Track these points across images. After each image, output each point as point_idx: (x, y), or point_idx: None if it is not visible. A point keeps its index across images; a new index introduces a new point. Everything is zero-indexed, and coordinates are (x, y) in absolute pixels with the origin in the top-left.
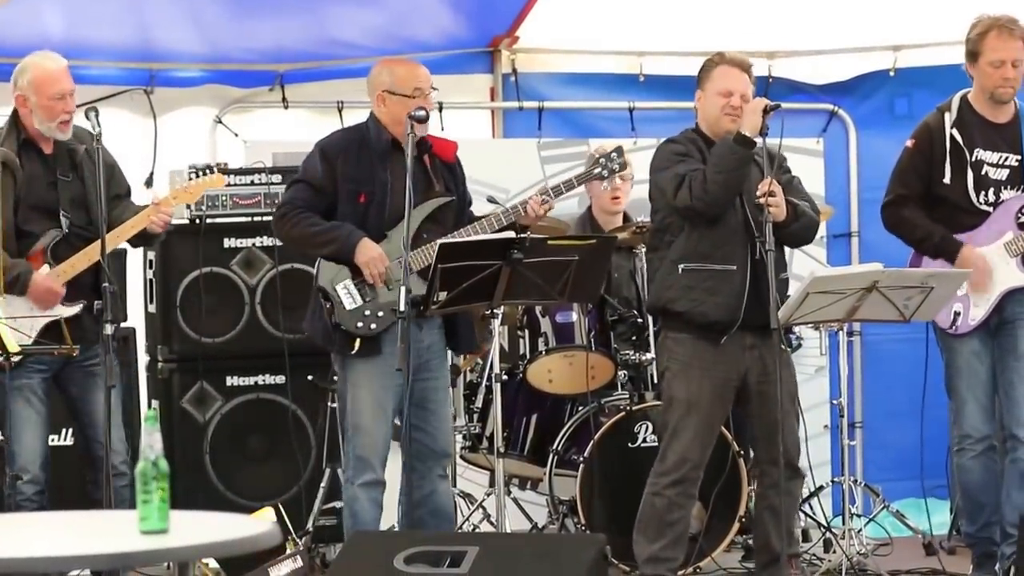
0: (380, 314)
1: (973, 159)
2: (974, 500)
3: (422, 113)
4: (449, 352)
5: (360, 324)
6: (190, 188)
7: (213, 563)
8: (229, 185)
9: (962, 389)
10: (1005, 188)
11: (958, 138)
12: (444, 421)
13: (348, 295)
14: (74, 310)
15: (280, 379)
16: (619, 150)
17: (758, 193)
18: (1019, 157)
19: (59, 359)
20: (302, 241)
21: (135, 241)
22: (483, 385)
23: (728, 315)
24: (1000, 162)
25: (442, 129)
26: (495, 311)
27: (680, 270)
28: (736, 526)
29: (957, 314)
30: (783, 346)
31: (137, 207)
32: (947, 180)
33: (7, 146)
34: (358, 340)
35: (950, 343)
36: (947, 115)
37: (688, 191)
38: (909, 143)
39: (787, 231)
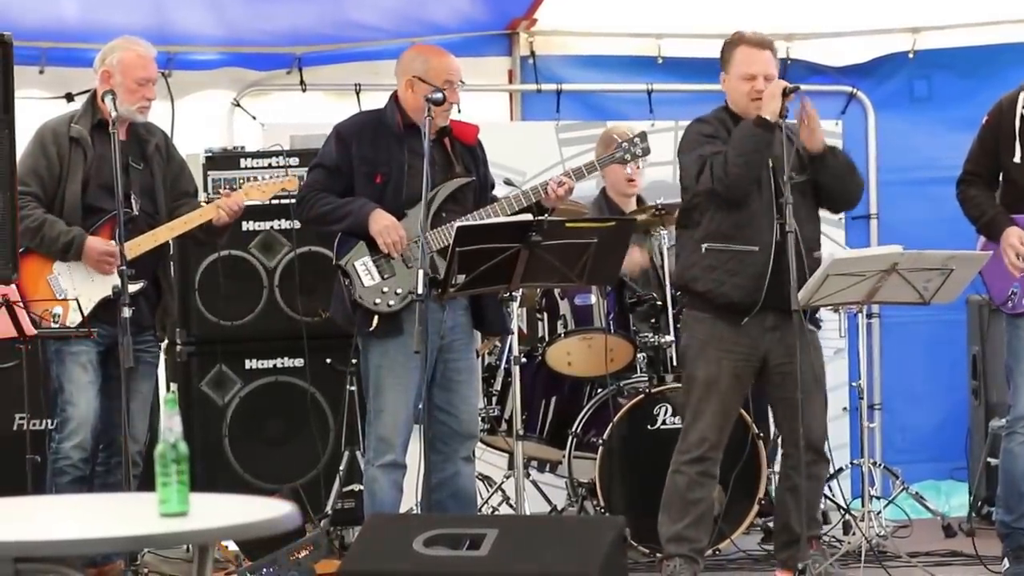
0: (399, 291)
1: None
2: (1015, 489)
3: (439, 96)
4: (477, 334)
5: (378, 301)
6: (263, 186)
7: (232, 545)
8: (246, 168)
9: (1023, 368)
10: None
11: None
12: (469, 403)
13: (367, 272)
14: (138, 285)
15: (299, 362)
16: (643, 135)
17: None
18: None
19: (113, 335)
20: (319, 220)
21: (203, 236)
22: (502, 368)
23: (748, 296)
24: None
25: (459, 112)
26: (513, 294)
27: (703, 250)
28: (755, 508)
29: (1014, 293)
30: (811, 327)
31: (200, 205)
32: (1016, 159)
33: (81, 125)
34: (376, 317)
35: (1017, 320)
36: (1021, 94)
37: (710, 174)
38: (983, 120)
39: (829, 188)
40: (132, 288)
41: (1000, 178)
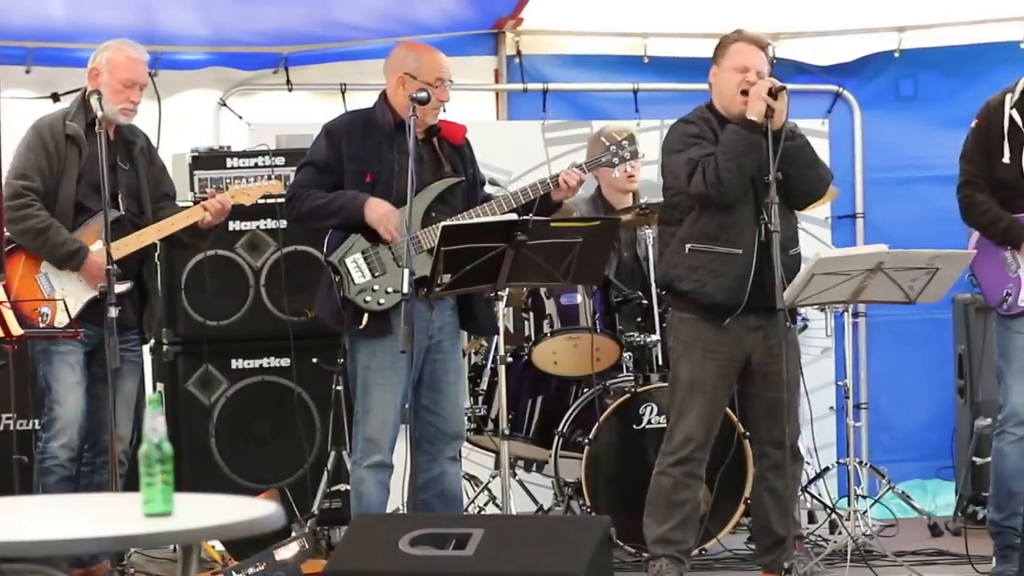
0: (389, 290)
1: None
2: (1005, 487)
3: (423, 95)
4: (464, 333)
5: (368, 299)
6: (248, 190)
7: (219, 545)
8: (233, 168)
9: (1015, 367)
10: None
11: (1017, 119)
12: (456, 403)
13: (358, 269)
14: (124, 287)
15: (285, 362)
16: (631, 138)
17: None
18: None
19: (99, 335)
20: (311, 216)
21: (187, 239)
22: (488, 367)
23: (731, 298)
24: None
25: (444, 111)
26: (499, 293)
27: (687, 249)
28: (742, 508)
29: (1008, 294)
30: (790, 324)
31: (181, 208)
32: (1005, 160)
33: (76, 123)
34: (366, 315)
35: (1008, 320)
36: (1009, 96)
37: (702, 178)
38: (973, 123)
39: (786, 176)
40: (120, 289)
41: (992, 183)
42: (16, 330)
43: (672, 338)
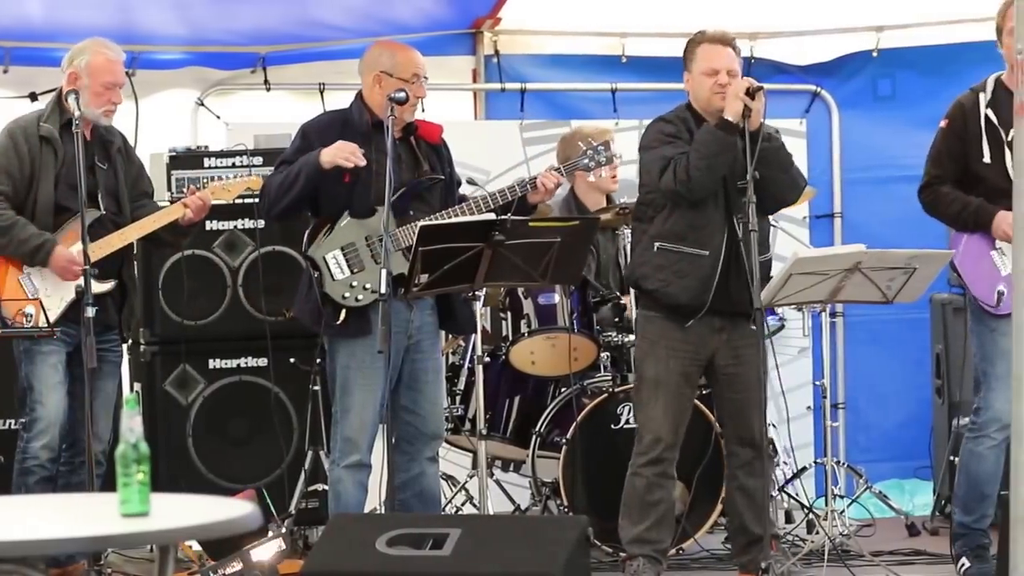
0: (367, 287)
1: (1010, 139)
2: (978, 490)
3: (402, 95)
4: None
5: (347, 295)
6: (229, 186)
7: (196, 545)
8: (210, 167)
9: (999, 370)
10: None
11: (993, 118)
12: (435, 403)
13: (337, 266)
14: (107, 286)
15: (263, 361)
16: (607, 144)
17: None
18: None
19: (80, 335)
20: (280, 194)
21: (168, 237)
22: (465, 367)
23: (695, 299)
24: None
25: (423, 111)
26: (477, 293)
27: (655, 248)
28: (719, 507)
29: (1001, 293)
30: (753, 326)
31: (159, 207)
32: (987, 160)
33: (50, 124)
34: (344, 311)
35: (992, 323)
36: (981, 95)
37: (672, 175)
38: (942, 123)
39: (762, 181)
40: (103, 287)
41: (969, 182)
42: None
43: (638, 336)
